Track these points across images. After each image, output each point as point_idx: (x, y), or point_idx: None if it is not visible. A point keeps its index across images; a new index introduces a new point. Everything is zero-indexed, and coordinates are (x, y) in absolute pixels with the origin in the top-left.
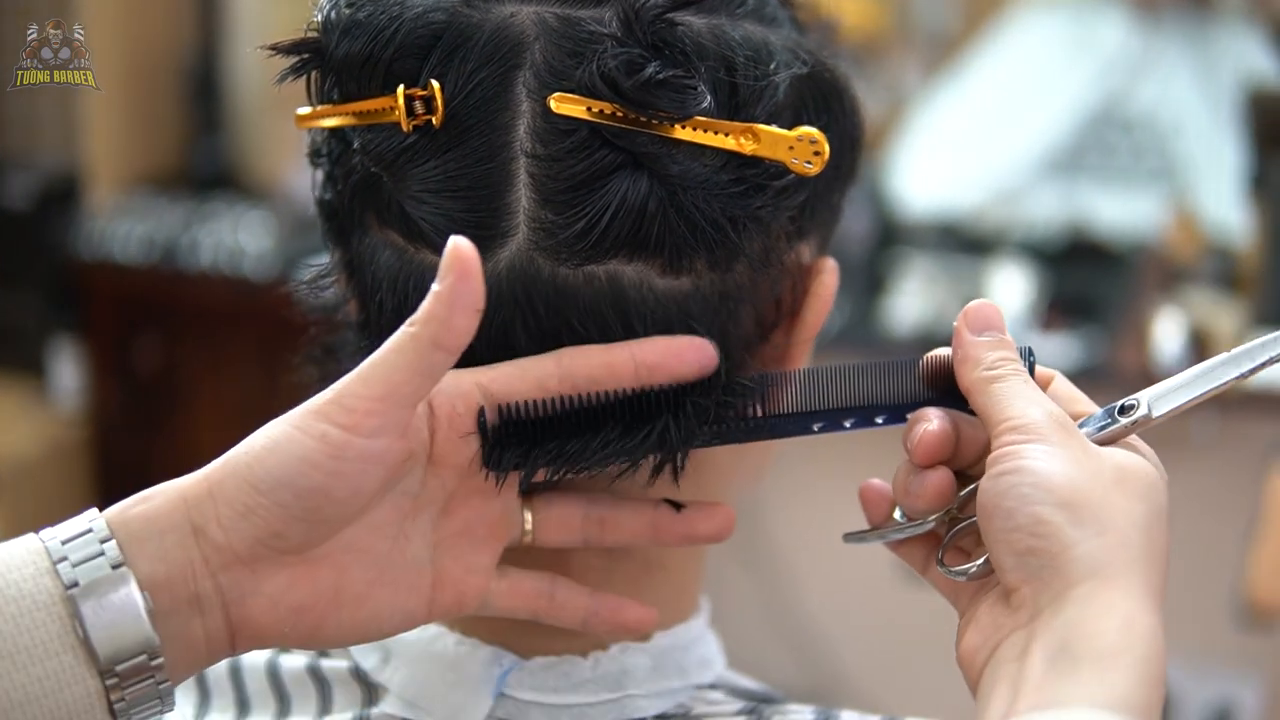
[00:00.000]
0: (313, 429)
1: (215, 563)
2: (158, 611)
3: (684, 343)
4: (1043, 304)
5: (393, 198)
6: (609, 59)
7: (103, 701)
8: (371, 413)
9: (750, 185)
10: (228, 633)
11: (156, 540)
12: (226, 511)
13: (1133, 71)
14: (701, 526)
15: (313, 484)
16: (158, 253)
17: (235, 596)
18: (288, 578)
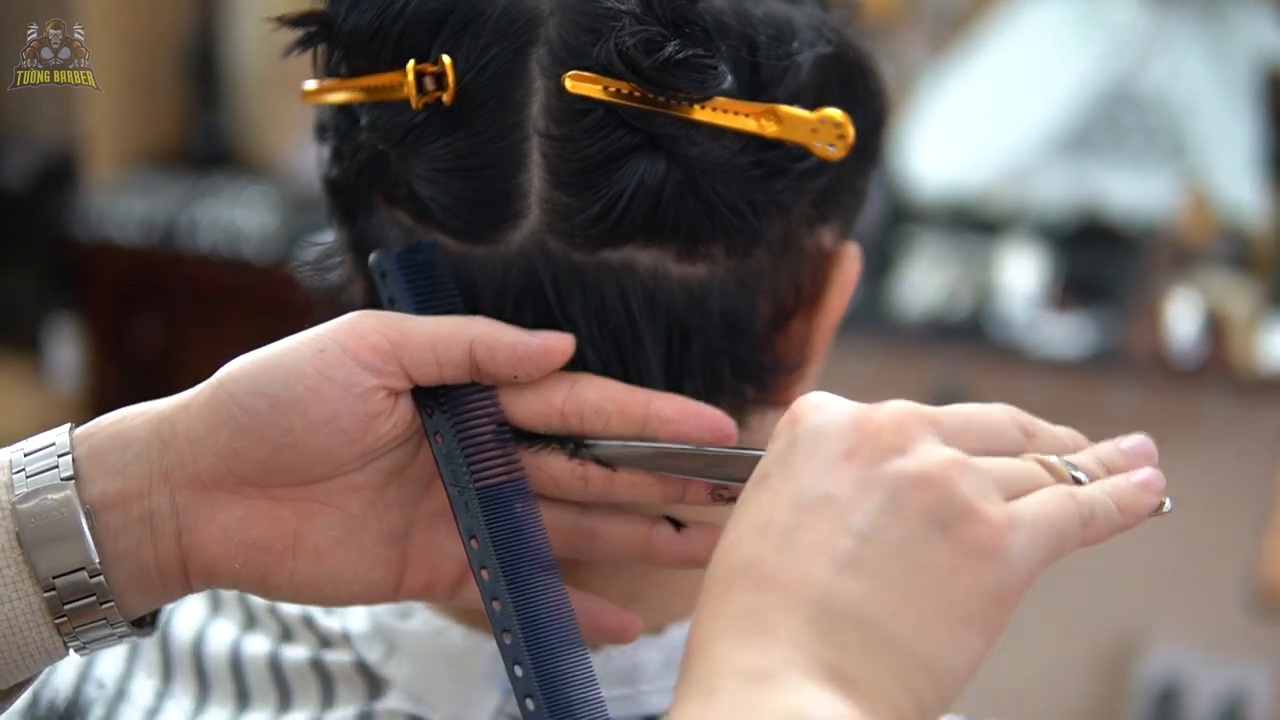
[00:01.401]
0: (313, 342)
1: (175, 479)
2: (107, 529)
3: (706, 409)
4: (1056, 285)
5: (401, 176)
6: (627, 36)
7: (45, 617)
8: (377, 349)
9: (771, 168)
10: (179, 561)
11: (118, 453)
12: (197, 424)
13: (1144, 51)
14: (701, 547)
15: (293, 396)
16: (157, 232)
17: (189, 521)
18: (244, 510)
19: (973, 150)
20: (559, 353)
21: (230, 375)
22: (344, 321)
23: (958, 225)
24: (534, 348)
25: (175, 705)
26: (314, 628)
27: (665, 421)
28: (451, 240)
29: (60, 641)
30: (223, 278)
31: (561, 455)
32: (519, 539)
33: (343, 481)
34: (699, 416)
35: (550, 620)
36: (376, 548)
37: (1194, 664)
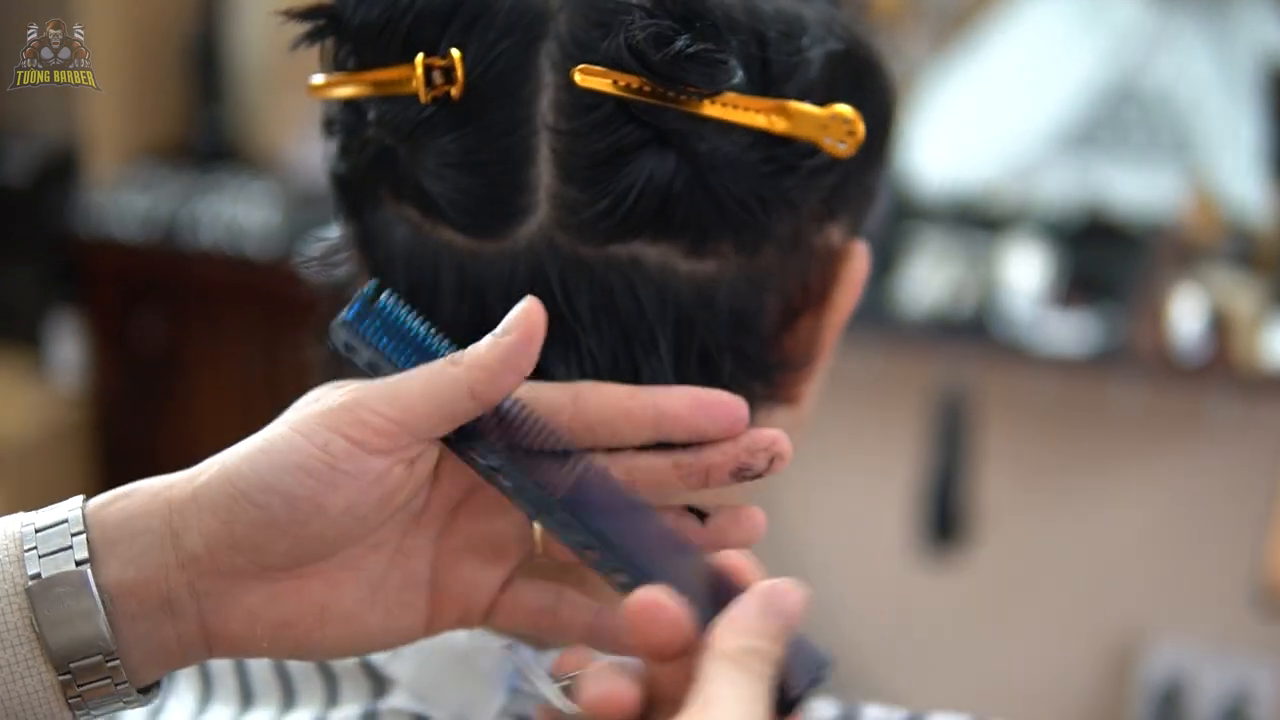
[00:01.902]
0: (316, 435)
1: (193, 569)
2: (124, 614)
3: (714, 397)
4: (1060, 283)
5: (409, 171)
6: (637, 31)
7: (58, 695)
8: (382, 432)
9: (781, 165)
10: (203, 639)
11: (129, 542)
12: (210, 520)
13: (1148, 47)
14: (732, 534)
15: (306, 492)
16: (159, 228)
17: (212, 605)
18: (269, 591)
19: (976, 147)
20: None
21: (237, 471)
22: (340, 408)
23: (961, 222)
24: (514, 346)
25: (178, 703)
26: None
27: (677, 418)
28: (459, 236)
29: (71, 716)
30: (225, 274)
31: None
32: (629, 523)
33: (363, 543)
34: (711, 408)
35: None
36: (403, 597)
37: (1198, 662)
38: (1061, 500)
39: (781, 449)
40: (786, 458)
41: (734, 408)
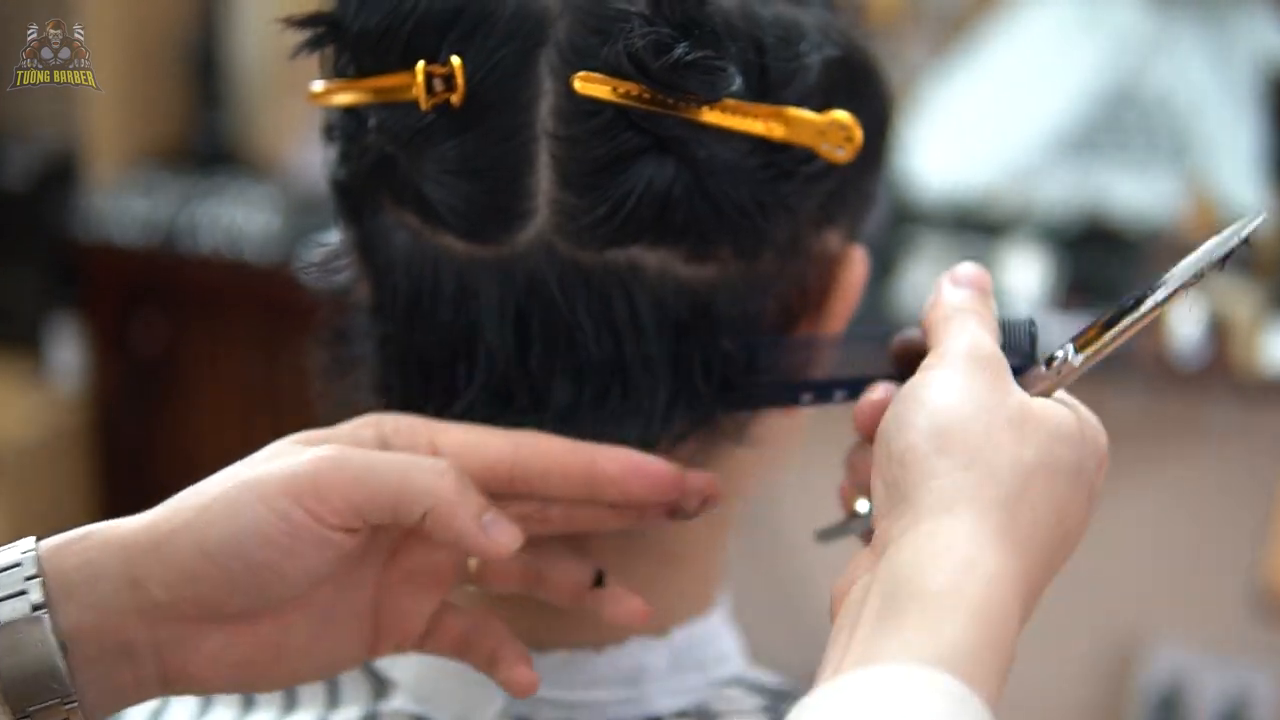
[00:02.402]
0: (277, 504)
1: (153, 616)
2: (82, 658)
3: (647, 465)
4: (1060, 286)
5: (409, 178)
6: (636, 38)
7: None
8: (339, 513)
9: (779, 171)
10: (160, 680)
11: (88, 586)
12: (171, 574)
13: (1147, 52)
14: (607, 608)
15: (266, 559)
16: (159, 232)
17: (170, 651)
18: (227, 636)
19: (975, 151)
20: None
21: (204, 533)
22: (305, 477)
23: (961, 227)
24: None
25: (180, 706)
26: None
27: (611, 481)
28: (459, 242)
29: None
30: (225, 278)
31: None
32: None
33: (314, 585)
34: (643, 472)
35: None
36: (349, 625)
37: (1197, 667)
38: None
39: (713, 493)
40: (717, 501)
41: (668, 477)
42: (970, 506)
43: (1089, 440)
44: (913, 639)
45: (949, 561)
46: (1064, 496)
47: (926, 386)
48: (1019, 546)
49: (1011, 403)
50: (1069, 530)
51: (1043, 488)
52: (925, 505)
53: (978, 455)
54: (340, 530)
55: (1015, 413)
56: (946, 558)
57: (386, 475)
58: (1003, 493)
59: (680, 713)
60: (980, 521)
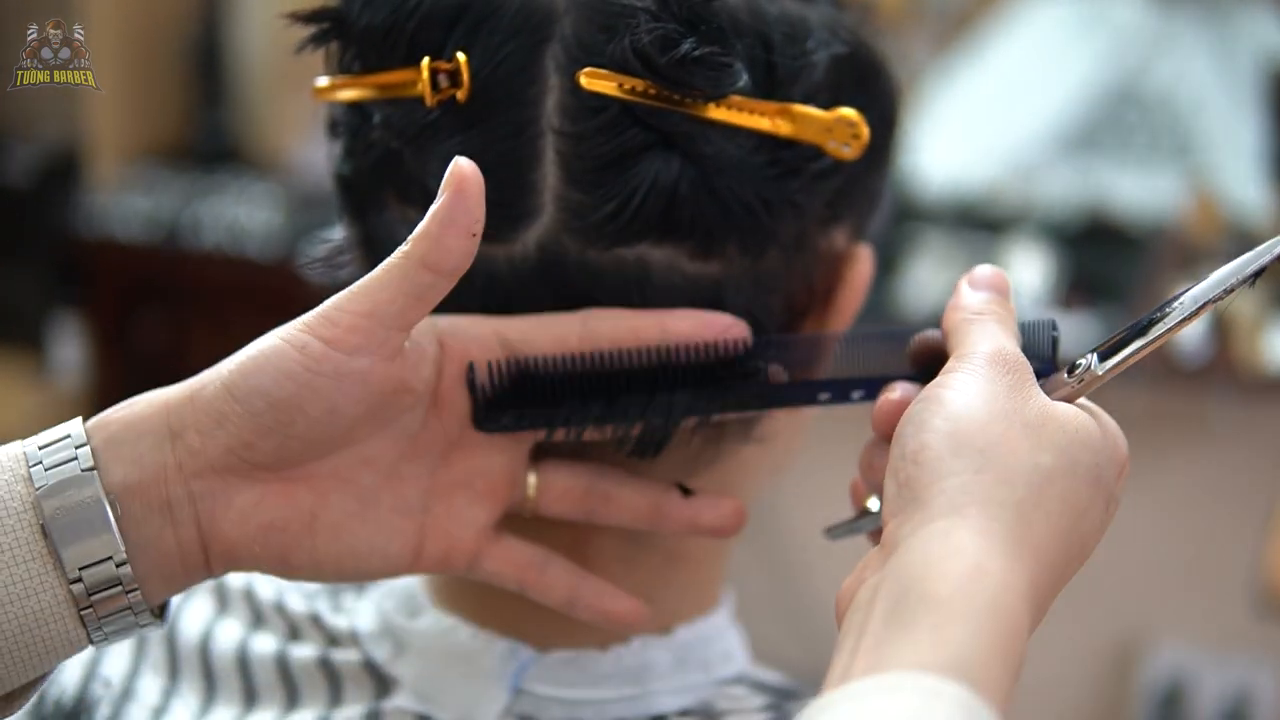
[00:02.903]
0: (295, 339)
1: (189, 468)
2: (129, 518)
3: (717, 318)
4: (1062, 284)
5: (414, 174)
6: (643, 34)
7: (71, 609)
8: (354, 328)
9: (785, 168)
10: (200, 546)
11: (133, 444)
12: (204, 418)
13: (1149, 49)
14: (706, 515)
15: (286, 395)
16: (161, 229)
17: (206, 507)
18: (259, 493)
19: (978, 149)
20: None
21: (231, 374)
22: (316, 312)
23: (963, 224)
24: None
25: (182, 704)
26: (321, 626)
27: (684, 335)
28: None
29: (84, 633)
30: (227, 275)
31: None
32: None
33: (354, 454)
34: (713, 324)
35: None
36: (393, 520)
37: (1199, 664)
38: None
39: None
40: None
41: (734, 323)
42: (982, 509)
43: (1109, 447)
44: (923, 646)
45: (958, 566)
46: (1081, 503)
47: (947, 388)
48: (1031, 552)
49: (1032, 407)
50: (1085, 537)
51: (1059, 493)
52: (936, 506)
53: (993, 458)
54: (362, 353)
55: (1035, 417)
56: (955, 562)
57: (379, 272)
58: (1017, 496)
59: (684, 711)
60: (991, 524)
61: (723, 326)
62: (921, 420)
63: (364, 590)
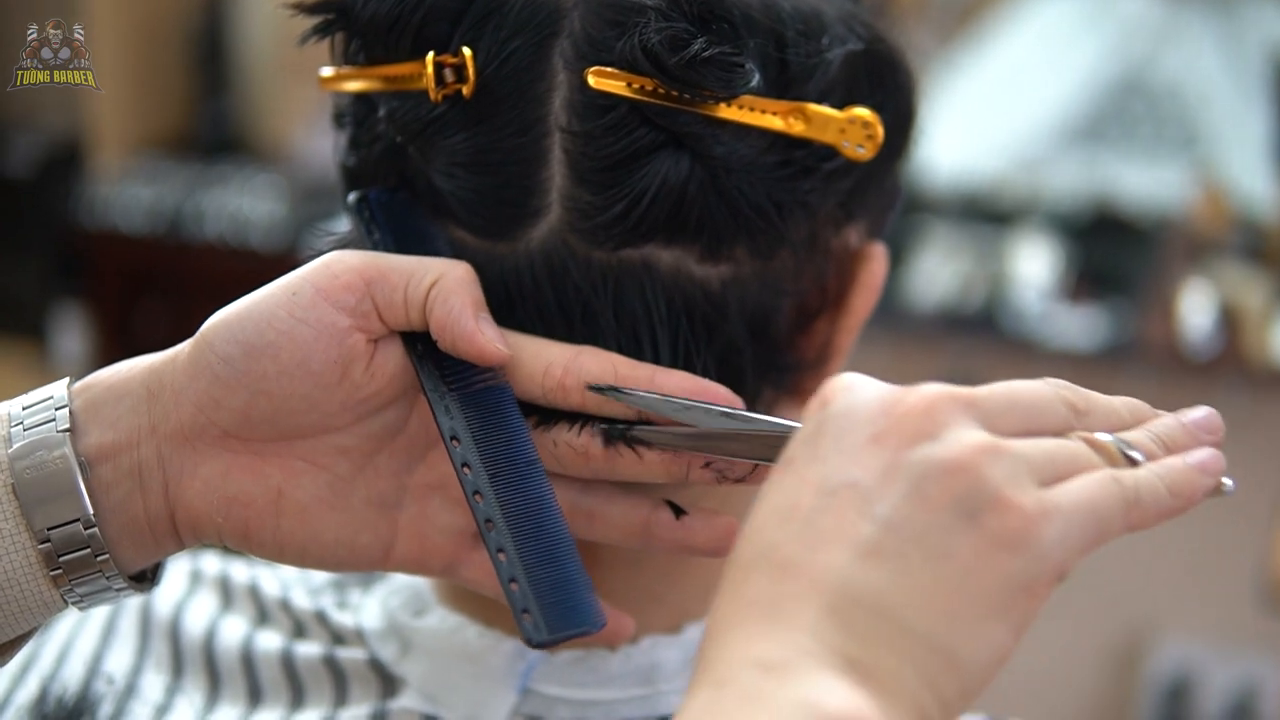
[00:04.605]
0: (288, 285)
1: (161, 431)
2: (99, 481)
3: (712, 389)
4: (1069, 277)
5: (419, 169)
6: (652, 33)
7: (42, 570)
8: (351, 287)
9: (798, 168)
10: (167, 513)
11: (112, 405)
12: (180, 376)
13: (1156, 41)
14: (700, 535)
15: (265, 341)
16: (163, 220)
17: (174, 474)
18: (226, 463)
19: (984, 141)
20: (488, 357)
21: (210, 325)
22: (319, 261)
23: (970, 216)
24: (465, 333)
25: (186, 701)
26: (327, 624)
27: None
28: (471, 236)
29: (57, 595)
30: (230, 266)
31: (565, 429)
32: (501, 437)
33: (329, 441)
34: (704, 394)
35: (535, 512)
36: (365, 513)
37: (1205, 658)
38: None
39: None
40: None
41: (727, 397)
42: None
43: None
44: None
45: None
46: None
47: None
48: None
49: None
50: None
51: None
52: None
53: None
54: (346, 313)
55: None
56: None
57: (399, 257)
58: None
59: None
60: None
61: (714, 397)
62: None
63: (370, 587)
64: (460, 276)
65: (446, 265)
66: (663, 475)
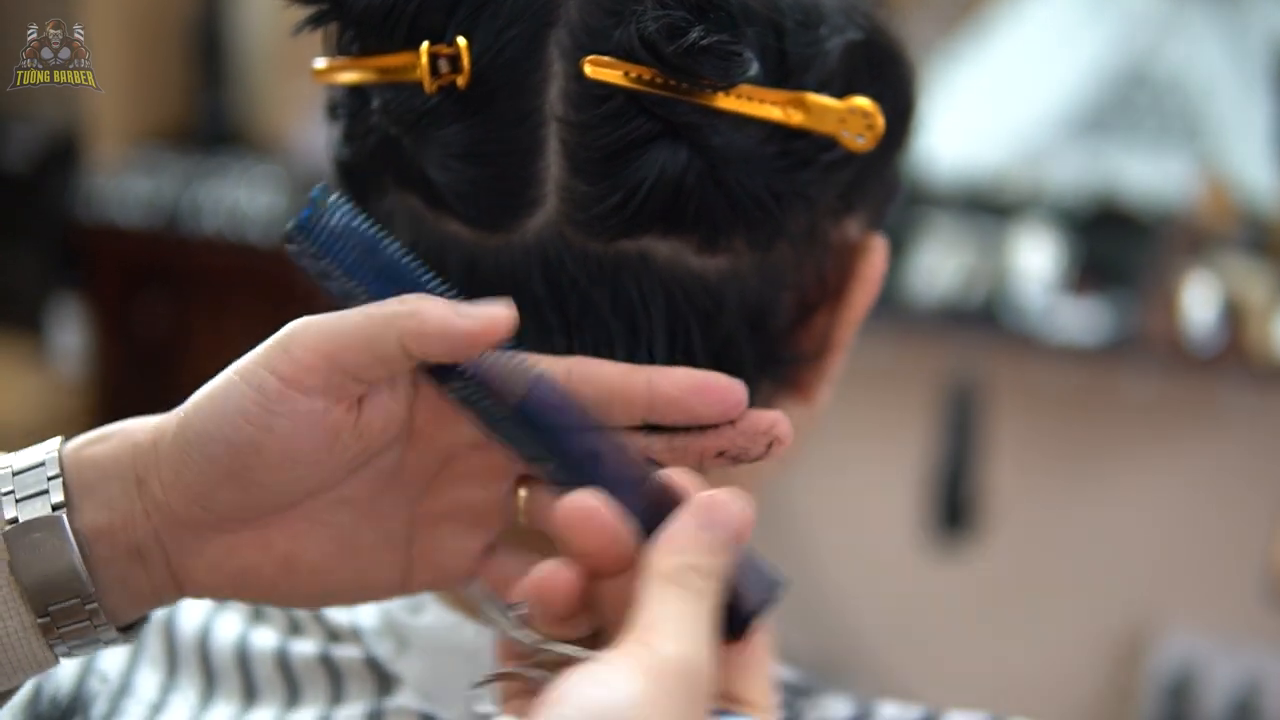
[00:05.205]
0: (253, 376)
1: (156, 519)
2: (98, 558)
3: (711, 381)
4: (1072, 270)
5: (413, 161)
6: (649, 21)
7: (38, 636)
8: (314, 369)
9: (797, 159)
10: (173, 584)
11: (103, 486)
12: (165, 468)
13: (1158, 32)
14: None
15: (244, 438)
16: (161, 213)
17: (176, 555)
18: (230, 543)
19: (986, 132)
20: (495, 332)
21: (188, 418)
22: (275, 343)
23: (971, 208)
24: (462, 331)
25: (180, 699)
26: (323, 622)
27: (671, 402)
28: (465, 229)
29: (52, 655)
30: (228, 259)
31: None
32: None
33: (328, 498)
34: (707, 392)
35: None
36: (376, 554)
37: (1208, 653)
38: (1072, 490)
39: (780, 432)
40: (786, 442)
41: (731, 392)
42: None
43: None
44: None
45: None
46: None
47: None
48: None
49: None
50: None
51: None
52: None
53: None
54: (319, 394)
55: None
56: None
57: (351, 319)
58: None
59: None
60: None
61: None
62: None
63: None
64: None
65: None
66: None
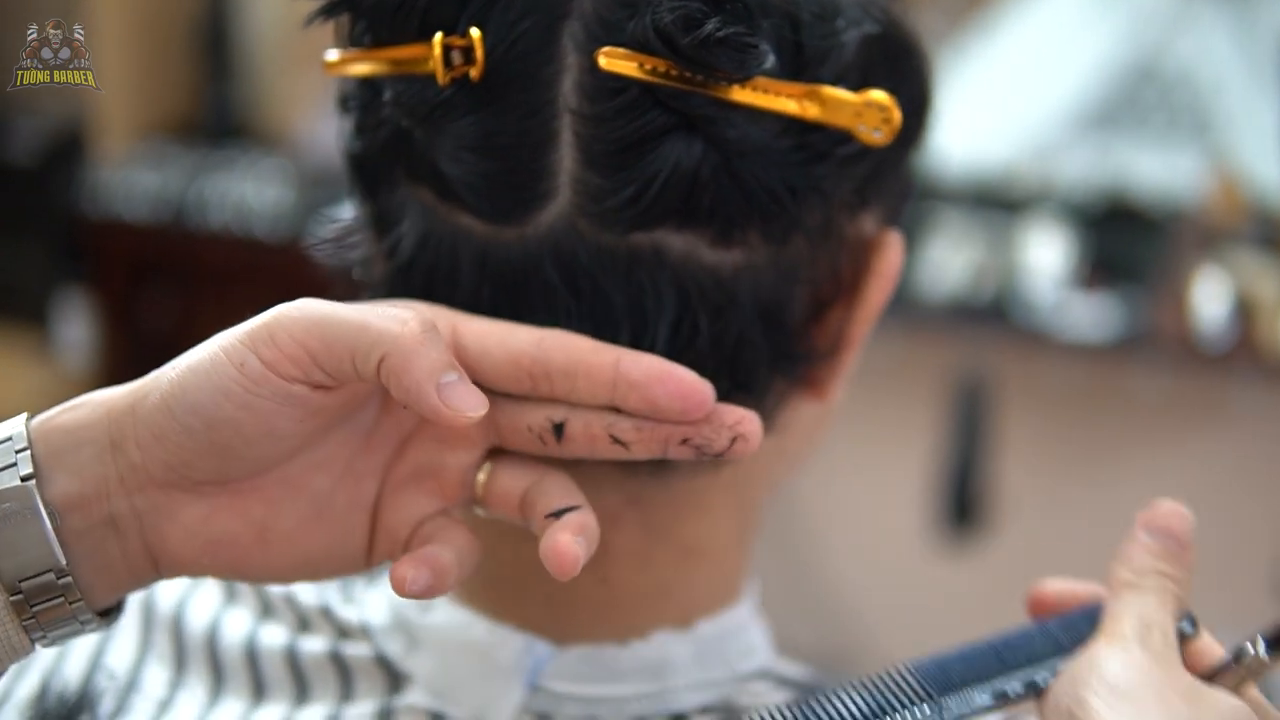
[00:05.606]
0: (235, 354)
1: (131, 483)
2: (70, 530)
3: (678, 375)
4: (1082, 266)
5: (426, 153)
6: (665, 12)
7: (12, 618)
8: (296, 360)
9: (812, 153)
10: (147, 557)
11: (74, 453)
12: (143, 432)
13: (1168, 27)
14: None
15: (224, 415)
16: (168, 207)
17: (151, 522)
18: (205, 508)
19: (995, 127)
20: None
21: (170, 387)
22: (261, 323)
23: (981, 204)
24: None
25: (189, 695)
26: (332, 619)
27: (633, 386)
28: (478, 221)
29: (27, 640)
30: (234, 254)
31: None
32: None
33: (305, 460)
34: (667, 382)
35: None
36: (349, 517)
37: None
38: (1081, 486)
39: (746, 430)
40: (751, 441)
41: (695, 389)
42: None
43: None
44: None
45: None
46: None
47: (1103, 661)
48: None
49: (1185, 681)
50: None
51: None
52: None
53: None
54: (301, 384)
55: (1186, 690)
56: None
57: (345, 320)
58: None
59: (704, 709)
60: None
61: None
62: (1079, 680)
63: (375, 581)
64: (410, 348)
65: (395, 332)
66: (643, 453)
